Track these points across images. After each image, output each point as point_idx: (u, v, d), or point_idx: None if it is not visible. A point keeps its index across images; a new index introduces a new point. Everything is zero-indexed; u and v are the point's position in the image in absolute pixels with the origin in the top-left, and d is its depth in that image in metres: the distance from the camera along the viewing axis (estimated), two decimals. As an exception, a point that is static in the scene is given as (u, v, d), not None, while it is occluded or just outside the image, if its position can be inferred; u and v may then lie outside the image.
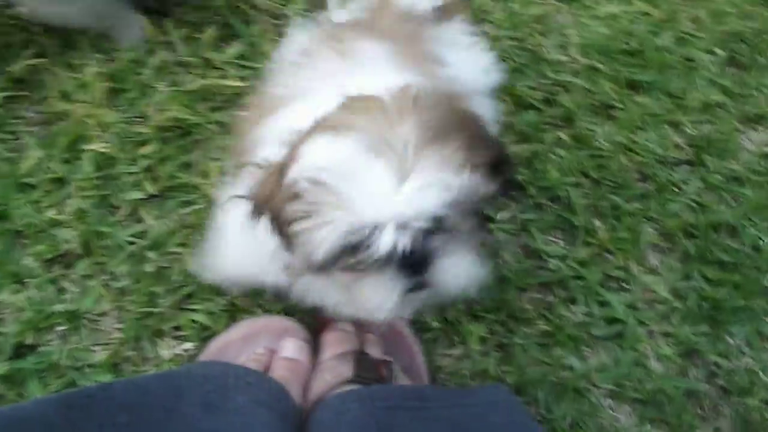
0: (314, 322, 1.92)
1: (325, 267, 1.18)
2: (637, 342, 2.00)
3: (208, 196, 2.06)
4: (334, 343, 1.79)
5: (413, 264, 1.17)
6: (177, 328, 1.93)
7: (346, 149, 1.11)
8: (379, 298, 1.21)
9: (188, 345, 1.91)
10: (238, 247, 1.58)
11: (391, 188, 1.08)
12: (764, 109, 2.37)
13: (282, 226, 1.21)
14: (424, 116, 1.14)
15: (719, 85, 2.39)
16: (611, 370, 1.97)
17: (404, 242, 1.11)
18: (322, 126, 1.18)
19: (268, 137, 1.37)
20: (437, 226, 1.14)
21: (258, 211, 1.27)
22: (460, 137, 1.15)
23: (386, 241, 1.10)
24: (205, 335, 1.92)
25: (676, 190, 2.22)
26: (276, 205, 1.21)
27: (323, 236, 1.12)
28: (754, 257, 2.14)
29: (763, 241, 2.17)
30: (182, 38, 2.29)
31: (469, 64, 1.77)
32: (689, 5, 2.53)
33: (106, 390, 1.44)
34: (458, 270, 1.21)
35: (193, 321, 1.92)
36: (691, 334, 2.02)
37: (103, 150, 2.09)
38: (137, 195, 2.05)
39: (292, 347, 1.77)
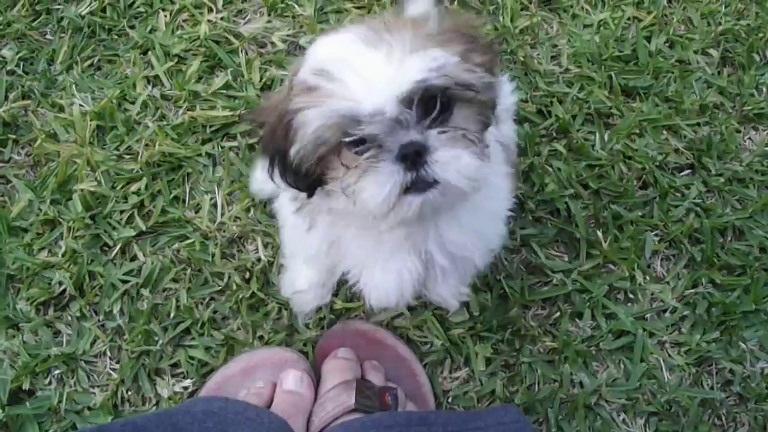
0: (314, 354, 1.90)
1: (324, 154, 1.25)
2: (648, 353, 1.96)
3: (200, 229, 2.03)
4: (335, 372, 1.77)
5: (411, 155, 1.19)
6: (175, 365, 1.91)
7: (345, 43, 1.21)
8: (380, 190, 1.22)
9: (187, 382, 1.88)
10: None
11: (383, 67, 1.16)
12: (763, 108, 2.33)
13: (287, 133, 1.26)
14: (423, 26, 1.24)
15: (716, 86, 2.35)
16: (622, 383, 1.93)
17: (395, 110, 1.16)
18: (327, 32, 1.30)
19: None
20: (434, 114, 1.21)
21: (266, 132, 1.35)
22: (458, 42, 1.24)
23: (378, 108, 1.16)
24: (204, 371, 1.90)
25: (679, 195, 2.17)
26: (283, 107, 1.27)
27: (321, 114, 1.19)
28: (763, 259, 2.10)
29: (771, 241, 2.12)
30: (167, 71, 2.27)
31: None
32: (680, 8, 2.49)
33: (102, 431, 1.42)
34: (457, 164, 1.22)
35: (191, 357, 1.90)
36: (703, 342, 1.98)
37: (93, 189, 2.07)
38: (129, 232, 2.03)
39: (292, 379, 1.75)
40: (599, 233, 2.08)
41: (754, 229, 2.14)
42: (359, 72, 1.16)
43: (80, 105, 2.22)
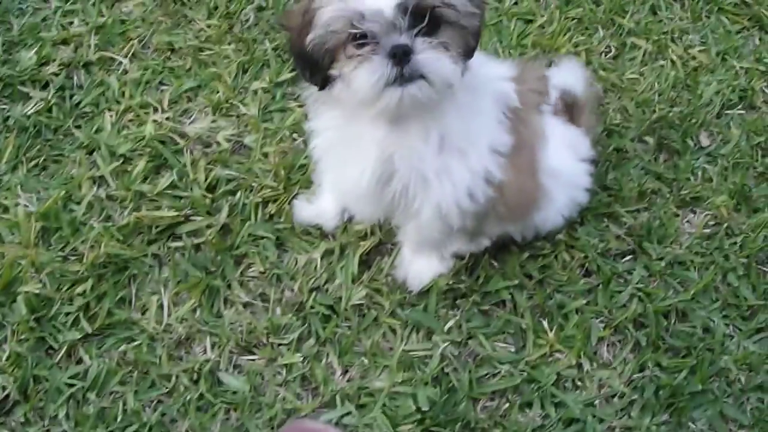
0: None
1: (333, 47, 1.59)
2: (598, 440, 1.97)
3: (147, 331, 2.01)
4: None
5: (399, 53, 1.53)
6: (122, 472, 1.87)
7: None
8: (369, 77, 1.55)
9: (134, 490, 1.85)
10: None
11: None
12: (699, 192, 2.40)
13: (308, 26, 1.60)
14: None
15: (653, 173, 2.42)
16: (575, 473, 1.94)
17: (391, 13, 1.51)
18: None
19: None
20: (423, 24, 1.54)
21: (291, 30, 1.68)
22: None
23: (378, 9, 1.51)
24: (154, 476, 1.86)
25: (621, 281, 2.22)
26: (305, 8, 1.61)
27: (335, 9, 1.54)
28: (707, 339, 2.14)
29: (714, 322, 2.16)
30: (113, 172, 2.27)
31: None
32: (615, 97, 2.58)
33: None
34: (436, 63, 1.57)
35: (139, 463, 1.87)
36: (653, 425, 2.00)
37: (37, 291, 2.05)
38: (75, 335, 2.00)
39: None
40: (545, 322, 2.10)
41: (697, 311, 2.18)
42: None
43: (25, 206, 2.21)
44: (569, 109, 2.18)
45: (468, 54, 1.67)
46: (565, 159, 2.08)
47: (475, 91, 1.78)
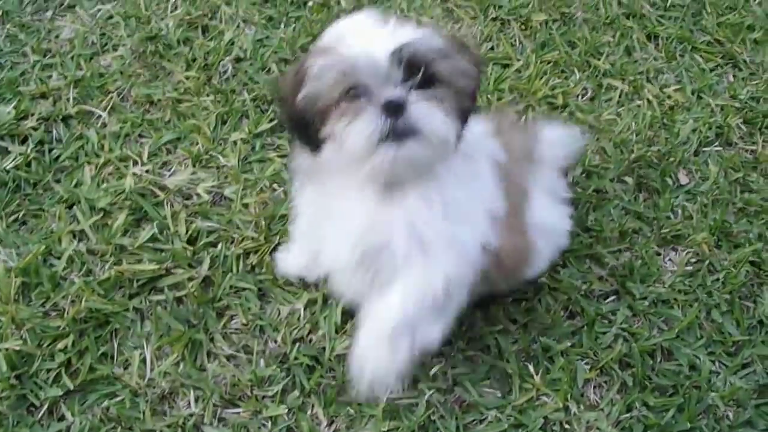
0: None
1: (324, 108, 1.55)
2: (587, 485, 1.96)
3: (130, 386, 1.99)
4: None
5: (393, 107, 1.50)
6: None
7: (357, 19, 1.58)
8: (363, 131, 1.51)
9: None
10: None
11: (380, 33, 1.52)
12: (680, 230, 2.42)
13: (299, 85, 1.58)
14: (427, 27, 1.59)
15: (633, 212, 2.44)
16: None
17: (385, 64, 1.49)
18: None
19: None
20: (416, 81, 1.52)
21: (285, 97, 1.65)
22: (448, 39, 1.60)
23: (372, 60, 1.49)
24: None
25: (606, 322, 2.22)
26: (297, 70, 1.60)
27: (326, 62, 1.52)
28: (693, 377, 2.14)
29: (700, 359, 2.16)
30: (93, 225, 2.27)
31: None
32: (593, 138, 2.61)
33: None
34: (430, 118, 1.53)
35: None
36: (642, 467, 1.98)
37: (18, 347, 2.03)
38: (56, 392, 1.98)
39: None
40: (530, 366, 2.10)
41: (682, 348, 2.19)
42: (362, 34, 1.52)
43: (4, 261, 2.19)
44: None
45: (463, 116, 1.63)
46: (548, 207, 2.06)
47: (471, 154, 1.74)
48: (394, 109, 1.50)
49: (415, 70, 1.51)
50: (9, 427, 1.92)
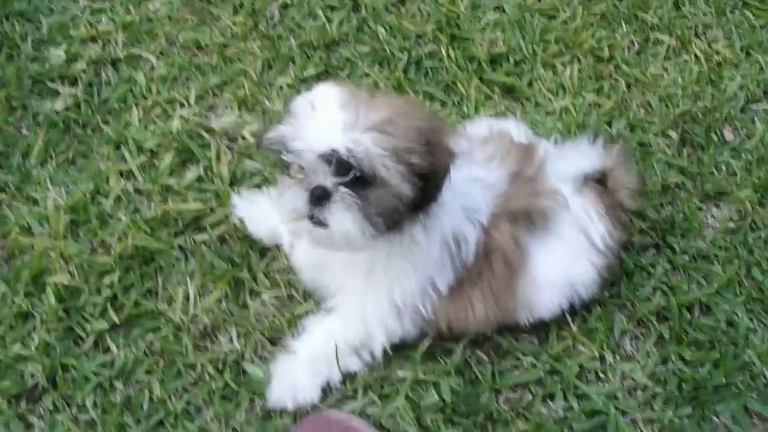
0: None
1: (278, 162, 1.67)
2: (621, 432, 1.97)
3: (173, 321, 2.04)
4: None
5: (317, 194, 1.59)
6: (149, 459, 1.89)
7: (328, 94, 1.62)
8: (286, 204, 1.65)
9: (162, 477, 1.87)
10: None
11: (327, 126, 1.56)
12: (723, 186, 2.40)
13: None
14: (393, 110, 1.62)
15: (676, 167, 2.43)
16: (596, 464, 1.93)
17: (315, 159, 1.57)
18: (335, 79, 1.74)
19: None
20: (349, 180, 1.58)
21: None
22: (407, 140, 1.59)
23: (308, 150, 1.57)
24: (179, 465, 1.88)
25: (645, 274, 2.22)
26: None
27: (277, 134, 1.62)
28: (731, 333, 2.13)
29: (738, 315, 2.16)
30: (140, 166, 2.31)
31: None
32: (638, 92, 2.59)
33: None
34: (342, 219, 1.60)
35: (165, 451, 1.89)
36: (676, 418, 1.99)
37: (66, 282, 2.08)
38: (102, 325, 2.03)
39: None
40: (568, 315, 2.10)
41: (721, 304, 2.18)
42: (316, 120, 1.58)
43: (54, 199, 2.25)
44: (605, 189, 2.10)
45: (394, 217, 1.66)
46: (560, 258, 1.98)
47: (430, 226, 1.79)
48: (317, 198, 1.60)
49: (345, 171, 1.57)
50: (56, 358, 1.97)
